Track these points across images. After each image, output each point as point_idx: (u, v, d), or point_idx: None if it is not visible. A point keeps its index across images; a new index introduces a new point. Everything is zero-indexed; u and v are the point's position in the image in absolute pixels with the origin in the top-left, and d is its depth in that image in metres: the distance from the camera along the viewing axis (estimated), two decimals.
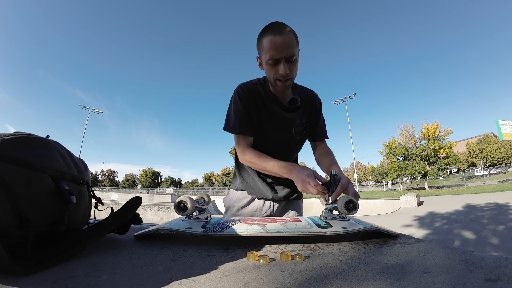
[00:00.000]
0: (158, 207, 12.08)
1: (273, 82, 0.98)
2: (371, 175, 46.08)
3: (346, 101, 31.44)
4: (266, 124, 1.07)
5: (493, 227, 5.27)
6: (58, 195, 0.52)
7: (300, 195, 1.31)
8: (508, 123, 25.54)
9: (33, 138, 0.53)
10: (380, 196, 15.98)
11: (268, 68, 0.95)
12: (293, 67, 0.94)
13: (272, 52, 0.89)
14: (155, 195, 22.92)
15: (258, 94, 1.06)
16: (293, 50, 0.90)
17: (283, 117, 1.07)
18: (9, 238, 0.42)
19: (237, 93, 1.06)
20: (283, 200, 1.24)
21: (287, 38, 0.89)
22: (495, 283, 0.34)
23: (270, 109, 1.06)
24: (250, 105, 1.05)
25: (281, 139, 1.11)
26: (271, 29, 0.90)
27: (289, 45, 0.89)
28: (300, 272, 0.42)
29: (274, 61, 0.91)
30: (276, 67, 0.92)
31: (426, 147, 26.01)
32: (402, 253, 0.50)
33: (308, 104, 1.12)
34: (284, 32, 0.89)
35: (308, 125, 1.13)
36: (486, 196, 10.73)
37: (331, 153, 1.14)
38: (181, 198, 0.72)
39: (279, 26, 0.90)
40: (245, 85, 1.08)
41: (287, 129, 1.10)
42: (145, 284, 0.37)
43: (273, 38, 0.88)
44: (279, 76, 0.93)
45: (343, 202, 0.70)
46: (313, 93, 1.17)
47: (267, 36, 0.90)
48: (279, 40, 0.88)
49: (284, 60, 0.90)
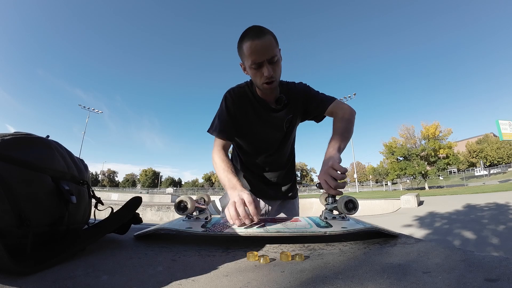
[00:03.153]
0: (158, 207, 12.08)
1: (260, 86, 0.99)
2: (371, 175, 46.07)
3: (346, 101, 31.45)
4: (257, 126, 1.10)
5: (493, 227, 5.27)
6: (58, 195, 0.52)
7: (295, 195, 1.32)
8: (508, 123, 25.53)
9: (33, 138, 0.53)
10: (380, 196, 15.97)
11: (252, 72, 0.96)
12: (276, 68, 0.95)
13: (254, 56, 0.91)
14: (155, 195, 22.93)
15: (247, 98, 1.08)
16: (273, 51, 0.91)
17: (272, 118, 1.10)
18: (9, 238, 0.42)
19: (225, 98, 1.08)
20: (278, 199, 1.26)
21: (266, 41, 0.90)
22: (495, 283, 0.34)
23: (259, 113, 1.09)
24: (236, 110, 1.07)
25: (273, 137, 1.15)
26: (249, 34, 0.91)
27: (269, 47, 0.90)
28: (300, 272, 0.42)
29: (256, 65, 0.92)
30: (260, 71, 0.93)
31: (426, 147, 25.99)
32: (402, 253, 0.50)
33: (293, 98, 1.12)
34: (262, 36, 0.89)
35: (296, 116, 1.15)
36: (486, 196, 10.72)
37: (337, 121, 1.03)
38: (181, 198, 0.73)
39: (257, 30, 0.91)
40: (233, 90, 1.10)
41: (278, 128, 1.13)
42: (145, 284, 0.37)
43: (252, 43, 0.89)
44: (264, 79, 0.94)
45: (343, 202, 0.70)
46: (294, 84, 1.16)
47: (246, 41, 0.91)
48: (258, 44, 0.89)
49: (266, 63, 0.92)
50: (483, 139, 44.95)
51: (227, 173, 0.90)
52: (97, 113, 40.13)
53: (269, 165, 1.21)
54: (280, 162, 1.22)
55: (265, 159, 1.19)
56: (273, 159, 1.19)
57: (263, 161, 1.19)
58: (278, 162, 1.22)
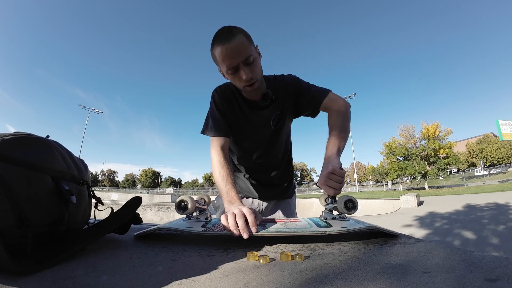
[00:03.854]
0: (158, 207, 12.08)
1: (242, 89, 0.96)
2: (371, 175, 46.07)
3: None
4: (244, 125, 1.07)
5: (493, 227, 5.27)
6: (58, 195, 0.52)
7: (290, 195, 1.28)
8: (508, 123, 25.53)
9: (33, 138, 0.53)
10: (380, 196, 15.96)
11: (231, 78, 0.93)
12: (254, 68, 0.90)
13: (227, 61, 0.86)
14: (155, 195, 22.92)
15: (233, 97, 1.05)
16: (247, 51, 0.87)
17: (259, 116, 1.06)
18: (9, 238, 0.42)
19: (213, 96, 1.06)
20: (272, 199, 1.23)
21: (237, 43, 0.85)
22: (495, 283, 0.34)
23: (245, 112, 1.05)
24: (225, 108, 1.04)
25: (261, 136, 1.10)
26: (218, 39, 0.86)
27: (241, 48, 0.86)
28: (300, 272, 0.42)
29: (232, 69, 0.88)
30: (237, 74, 0.89)
31: (426, 147, 25.99)
32: (402, 253, 0.50)
33: (281, 93, 1.06)
34: (232, 37, 0.85)
35: (285, 113, 1.08)
36: (486, 196, 10.71)
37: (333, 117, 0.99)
38: (182, 197, 0.73)
39: (225, 32, 0.86)
40: (220, 88, 1.06)
41: (265, 127, 1.08)
42: (145, 284, 0.37)
43: (222, 48, 0.85)
44: (244, 82, 0.90)
45: (343, 202, 0.70)
46: (282, 78, 1.09)
47: (216, 47, 0.87)
48: (229, 48, 0.85)
49: (242, 65, 0.87)
50: (483, 139, 44.95)
51: (226, 183, 0.85)
52: (97, 113, 40.16)
53: (260, 165, 1.16)
54: (272, 162, 1.17)
55: (256, 159, 1.14)
56: (264, 159, 1.14)
57: (253, 162, 1.15)
58: (270, 162, 1.16)
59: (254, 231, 0.61)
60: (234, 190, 0.82)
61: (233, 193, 0.81)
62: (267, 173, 1.18)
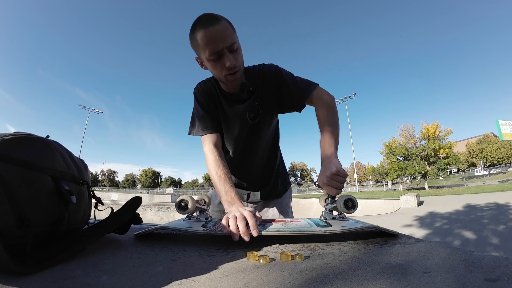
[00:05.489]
0: (158, 207, 12.09)
1: (223, 79, 0.89)
2: (371, 175, 46.07)
3: (346, 101, 31.53)
4: (223, 121, 1.02)
5: (493, 227, 5.27)
6: (58, 195, 0.52)
7: (280, 194, 1.21)
8: (508, 123, 25.54)
9: (33, 138, 0.53)
10: (380, 196, 15.95)
11: (211, 65, 0.86)
12: (237, 56, 0.85)
13: (211, 46, 0.80)
14: (155, 195, 22.92)
15: (213, 92, 1.01)
16: (232, 38, 0.82)
17: (236, 110, 1.00)
18: (9, 238, 0.42)
19: (194, 94, 1.02)
20: (257, 201, 1.19)
21: (221, 27, 0.80)
22: (495, 283, 0.34)
23: (224, 108, 1.01)
24: (208, 103, 1.00)
25: (238, 132, 1.03)
26: (201, 23, 0.80)
27: (226, 33, 0.81)
28: (300, 272, 0.42)
29: (215, 55, 0.82)
30: (220, 61, 0.83)
31: (426, 147, 25.98)
32: (402, 253, 0.50)
33: (259, 83, 0.98)
34: (217, 22, 0.79)
35: (264, 105, 1.00)
36: (486, 196, 10.71)
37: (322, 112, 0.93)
38: (182, 197, 0.73)
39: (209, 17, 0.81)
40: (200, 85, 1.03)
41: (243, 120, 1.01)
42: (145, 284, 0.37)
43: (206, 30, 0.79)
44: (227, 70, 0.84)
45: (342, 201, 0.70)
46: (261, 67, 1.01)
47: (199, 30, 0.80)
48: (213, 32, 0.79)
49: (226, 51, 0.82)
50: (483, 139, 44.94)
51: (224, 183, 0.82)
52: (97, 113, 40.15)
53: (240, 165, 1.10)
54: (253, 161, 1.09)
55: (235, 158, 1.08)
56: (244, 158, 1.08)
57: (232, 161, 1.08)
58: (252, 161, 1.09)
59: (255, 234, 0.60)
60: (233, 190, 0.80)
61: (233, 194, 0.79)
62: (248, 172, 1.12)
